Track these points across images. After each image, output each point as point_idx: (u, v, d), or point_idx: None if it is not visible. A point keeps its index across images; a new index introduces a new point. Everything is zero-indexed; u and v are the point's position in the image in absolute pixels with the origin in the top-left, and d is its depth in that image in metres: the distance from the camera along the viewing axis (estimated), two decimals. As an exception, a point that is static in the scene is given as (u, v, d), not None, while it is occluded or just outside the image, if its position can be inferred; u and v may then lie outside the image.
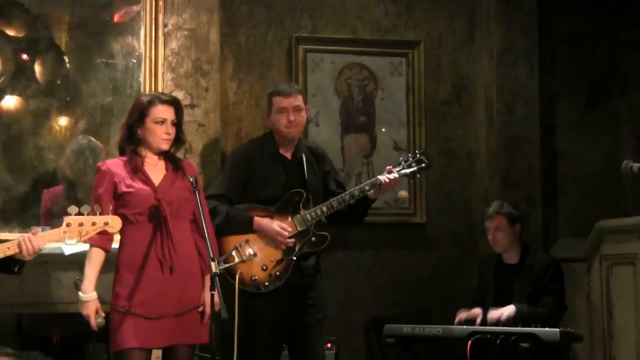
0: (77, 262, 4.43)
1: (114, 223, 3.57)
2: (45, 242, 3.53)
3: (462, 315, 4.82)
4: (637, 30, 5.95)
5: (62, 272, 4.44)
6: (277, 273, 4.30)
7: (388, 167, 4.46)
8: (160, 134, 3.87)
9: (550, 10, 5.90)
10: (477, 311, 4.80)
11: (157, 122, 3.87)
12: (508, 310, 4.61)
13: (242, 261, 4.26)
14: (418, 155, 4.55)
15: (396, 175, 4.42)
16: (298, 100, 4.43)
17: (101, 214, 3.53)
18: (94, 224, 3.51)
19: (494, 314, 4.62)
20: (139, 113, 3.88)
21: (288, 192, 4.38)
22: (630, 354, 4.69)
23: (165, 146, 3.91)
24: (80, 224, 3.48)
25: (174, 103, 3.95)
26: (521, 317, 4.54)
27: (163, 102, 3.91)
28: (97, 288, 4.47)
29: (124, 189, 3.82)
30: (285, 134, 4.43)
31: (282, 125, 4.41)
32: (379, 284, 5.59)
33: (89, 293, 3.82)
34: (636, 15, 5.90)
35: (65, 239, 3.52)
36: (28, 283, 4.41)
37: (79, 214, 3.47)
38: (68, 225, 3.48)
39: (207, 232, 3.71)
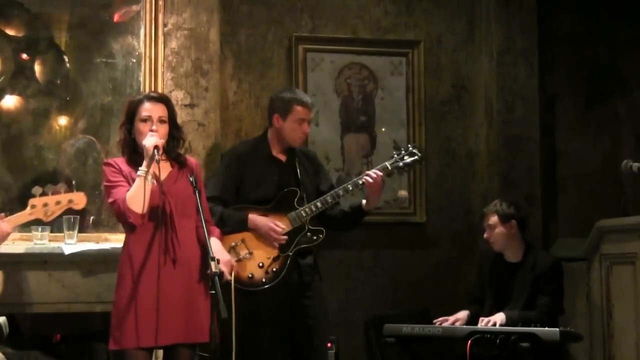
0: (77, 262, 4.44)
1: (79, 200, 3.61)
2: (12, 225, 3.58)
3: (443, 321, 4.80)
4: (637, 30, 5.95)
5: (62, 272, 4.44)
6: (274, 269, 4.32)
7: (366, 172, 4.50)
8: (145, 133, 3.83)
9: (550, 9, 5.90)
10: (460, 315, 4.80)
11: (142, 121, 3.85)
12: (499, 318, 4.58)
13: (239, 260, 4.28)
14: (410, 149, 4.60)
15: (380, 173, 4.43)
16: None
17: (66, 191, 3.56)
18: (58, 202, 3.56)
19: (484, 322, 4.59)
20: (129, 114, 3.89)
21: (281, 192, 4.40)
22: (629, 354, 4.68)
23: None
24: (45, 204, 3.53)
25: (163, 100, 3.93)
26: (511, 324, 4.52)
27: (150, 99, 3.90)
28: (97, 287, 4.49)
29: (131, 184, 3.81)
30: (295, 143, 4.49)
31: (297, 136, 4.46)
32: (379, 284, 5.60)
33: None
34: (636, 15, 5.90)
35: (35, 219, 3.57)
36: (28, 283, 4.41)
37: (44, 194, 3.51)
38: (33, 207, 3.53)
39: (207, 232, 3.71)
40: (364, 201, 4.50)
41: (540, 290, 4.73)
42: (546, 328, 4.37)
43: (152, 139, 3.77)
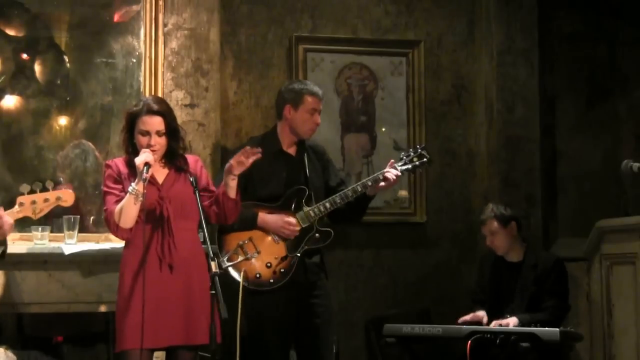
0: (77, 261, 4.44)
1: (67, 197, 3.62)
2: (11, 217, 3.57)
3: (466, 318, 4.78)
4: (637, 30, 5.95)
5: (62, 272, 4.44)
6: (282, 270, 4.29)
7: (391, 161, 4.46)
8: (143, 145, 3.83)
9: (550, 9, 5.90)
10: (480, 314, 4.78)
11: (141, 134, 3.85)
12: (512, 322, 4.56)
13: (246, 259, 4.25)
14: (419, 150, 4.56)
15: (398, 172, 4.42)
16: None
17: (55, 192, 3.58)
18: (46, 200, 3.57)
19: (498, 325, 4.58)
20: (129, 124, 3.89)
21: (290, 190, 4.38)
22: (630, 354, 4.69)
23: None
24: (33, 202, 3.55)
25: (160, 113, 3.86)
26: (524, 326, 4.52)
27: (148, 112, 3.84)
28: (98, 287, 4.49)
29: (126, 187, 3.81)
30: (306, 134, 4.44)
31: (308, 127, 4.42)
32: (379, 284, 5.59)
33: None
34: (636, 15, 5.90)
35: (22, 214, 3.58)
36: (28, 283, 4.41)
37: (32, 191, 3.52)
38: (21, 204, 3.54)
39: (206, 232, 3.71)
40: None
41: (546, 292, 4.71)
42: (546, 328, 4.37)
43: (142, 156, 3.77)
